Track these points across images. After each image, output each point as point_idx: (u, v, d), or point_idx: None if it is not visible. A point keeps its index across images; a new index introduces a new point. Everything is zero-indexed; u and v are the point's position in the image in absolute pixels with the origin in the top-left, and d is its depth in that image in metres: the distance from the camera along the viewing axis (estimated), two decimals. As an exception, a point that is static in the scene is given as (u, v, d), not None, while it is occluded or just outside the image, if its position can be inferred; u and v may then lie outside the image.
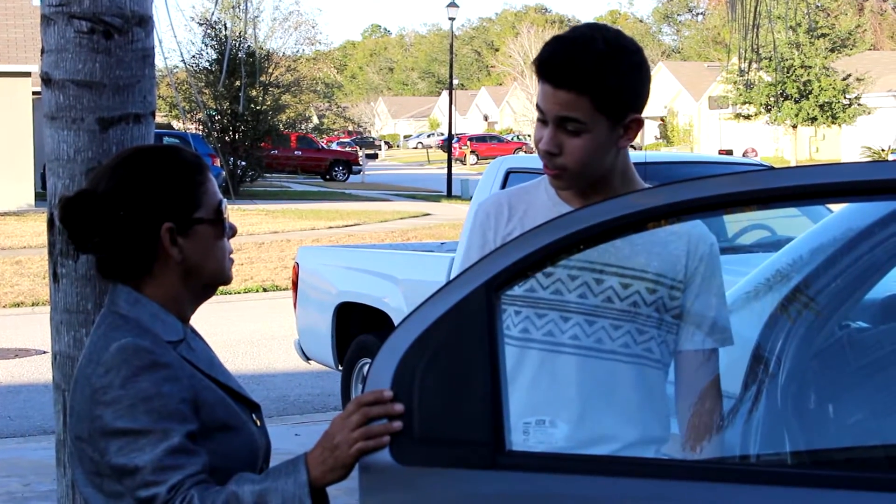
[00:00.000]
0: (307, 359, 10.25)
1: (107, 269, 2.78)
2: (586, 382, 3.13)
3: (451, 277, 2.82)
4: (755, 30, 7.22)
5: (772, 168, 2.96)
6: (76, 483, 2.79)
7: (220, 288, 2.96)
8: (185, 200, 2.75)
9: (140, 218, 2.72)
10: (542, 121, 3.15)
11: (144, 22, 4.03)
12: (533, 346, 3.13)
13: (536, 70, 3.12)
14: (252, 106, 44.23)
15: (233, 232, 2.85)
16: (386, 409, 2.54)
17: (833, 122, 60.76)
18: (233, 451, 2.72)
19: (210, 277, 2.82)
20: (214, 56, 44.73)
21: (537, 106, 3.15)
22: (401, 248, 11.79)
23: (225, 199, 2.84)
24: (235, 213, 30.07)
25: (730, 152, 52.59)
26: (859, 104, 61.11)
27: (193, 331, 2.87)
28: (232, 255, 2.87)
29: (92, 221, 2.71)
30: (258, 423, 2.87)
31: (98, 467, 2.67)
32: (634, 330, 3.12)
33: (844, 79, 60.53)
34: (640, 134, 3.38)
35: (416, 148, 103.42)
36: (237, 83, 41.09)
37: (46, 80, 4.00)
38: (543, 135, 3.14)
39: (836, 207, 4.23)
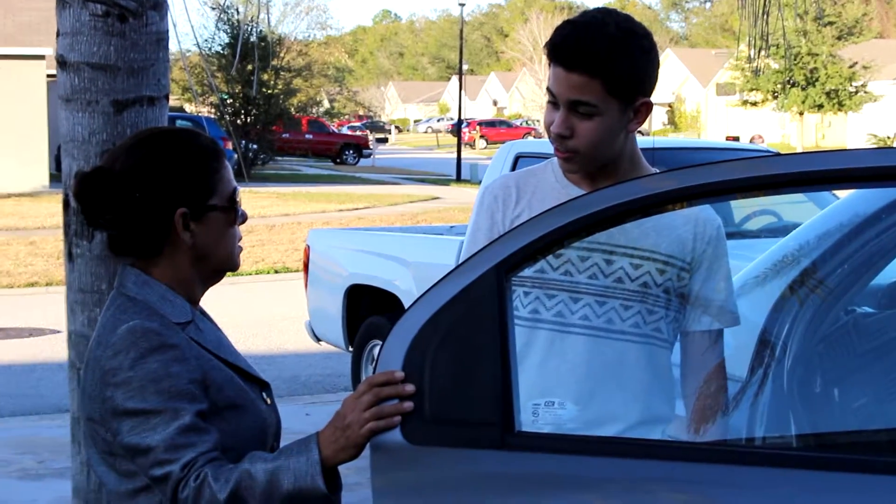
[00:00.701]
0: (318, 340, 10.27)
1: (118, 247, 2.77)
2: (596, 362, 3.13)
3: (460, 259, 2.81)
4: (764, 17, 7.20)
5: (778, 154, 2.96)
6: (90, 462, 2.80)
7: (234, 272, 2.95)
8: (201, 187, 2.74)
9: (155, 201, 2.71)
10: (553, 104, 3.14)
11: (159, 6, 4.03)
12: (543, 327, 3.13)
13: (549, 53, 3.12)
14: (264, 90, 44.22)
15: (244, 219, 2.84)
16: (397, 390, 2.54)
17: (839, 110, 60.69)
18: (243, 429, 2.72)
19: (219, 263, 2.81)
20: (227, 40, 44.71)
21: (548, 89, 3.15)
22: (410, 231, 11.79)
23: (238, 187, 2.83)
24: (247, 195, 29.92)
25: (737, 138, 52.47)
26: (865, 92, 61.02)
27: (202, 312, 2.87)
28: (241, 243, 2.86)
29: (106, 199, 2.70)
30: (268, 401, 2.87)
31: (111, 447, 2.68)
32: (644, 310, 3.12)
33: (851, 66, 60.43)
34: (648, 120, 3.37)
35: (425, 132, 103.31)
36: (249, 67, 41.08)
37: (62, 62, 4.01)
38: (555, 118, 3.13)
39: (842, 194, 4.23)
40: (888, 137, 53.98)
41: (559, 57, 3.09)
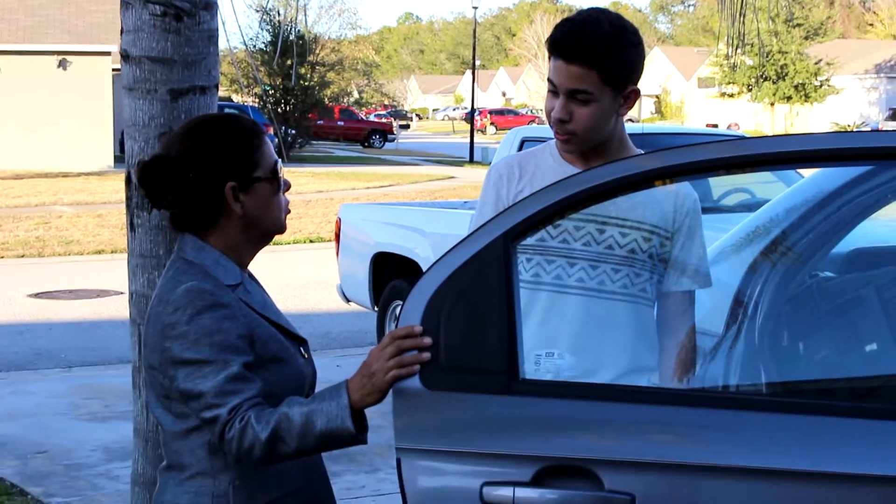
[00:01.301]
0: (347, 301, 10.28)
1: (179, 222, 2.79)
2: (590, 319, 3.14)
3: (470, 228, 2.82)
4: (741, 19, 7.17)
5: (749, 137, 2.95)
6: (149, 405, 2.83)
7: (273, 240, 2.95)
8: (245, 162, 2.74)
9: (207, 179, 2.71)
10: (553, 92, 3.15)
11: (210, 6, 4.03)
12: (543, 289, 3.13)
13: (550, 48, 3.12)
14: (301, 82, 44.17)
15: (287, 186, 2.84)
16: (416, 342, 2.55)
17: (806, 101, 60.51)
18: (283, 379, 2.73)
19: (267, 227, 2.80)
20: (269, 38, 44.62)
21: (549, 80, 3.15)
22: (429, 206, 11.79)
23: (280, 160, 2.84)
24: (286, 174, 30.01)
25: (715, 126, 52.37)
26: (829, 85, 60.85)
27: (251, 275, 2.87)
28: (289, 207, 2.87)
29: (165, 182, 2.71)
30: (305, 355, 2.88)
31: (167, 392, 2.70)
32: (632, 273, 3.14)
33: (816, 63, 60.23)
34: (637, 108, 3.38)
35: (443, 120, 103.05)
36: (289, 62, 41.02)
37: (125, 56, 4.01)
38: (555, 105, 3.14)
39: (807, 173, 4.21)
40: (849, 125, 53.81)
41: (560, 51, 3.09)
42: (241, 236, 2.78)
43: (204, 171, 2.71)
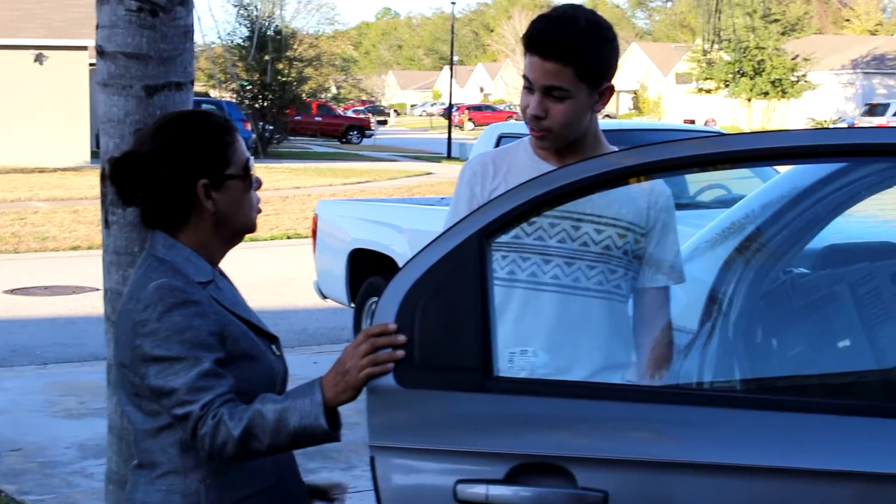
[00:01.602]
0: (324, 297, 10.27)
1: (150, 220, 2.78)
2: (565, 316, 3.14)
3: (444, 225, 2.82)
4: (717, 15, 7.20)
5: (726, 134, 2.96)
6: (120, 403, 2.82)
7: (250, 235, 2.95)
8: (218, 159, 2.74)
9: (179, 176, 2.71)
10: (529, 88, 3.15)
11: (185, 2, 4.01)
12: (518, 286, 3.13)
13: (526, 44, 3.11)
14: (279, 77, 44.09)
15: (259, 184, 2.84)
16: (391, 340, 2.54)
17: (783, 97, 60.69)
18: (254, 376, 2.72)
19: (238, 225, 2.80)
20: (247, 34, 44.52)
21: (524, 76, 3.15)
22: (406, 202, 11.78)
23: (252, 157, 2.83)
24: (263, 170, 29.90)
25: (693, 122, 52.49)
26: (806, 81, 61.03)
27: (221, 273, 2.87)
28: (260, 205, 2.86)
29: (136, 179, 2.71)
30: (276, 353, 2.87)
31: (138, 389, 2.69)
32: (607, 270, 3.14)
33: (793, 59, 60.41)
34: (615, 104, 3.40)
35: (420, 115, 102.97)
36: (266, 57, 40.95)
37: (100, 52, 3.99)
38: (530, 101, 3.14)
39: (783, 169, 4.23)
40: (825, 121, 54.00)
41: (536, 47, 3.08)
42: (212, 234, 2.77)
43: (175, 169, 2.70)
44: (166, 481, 2.71)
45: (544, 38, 3.07)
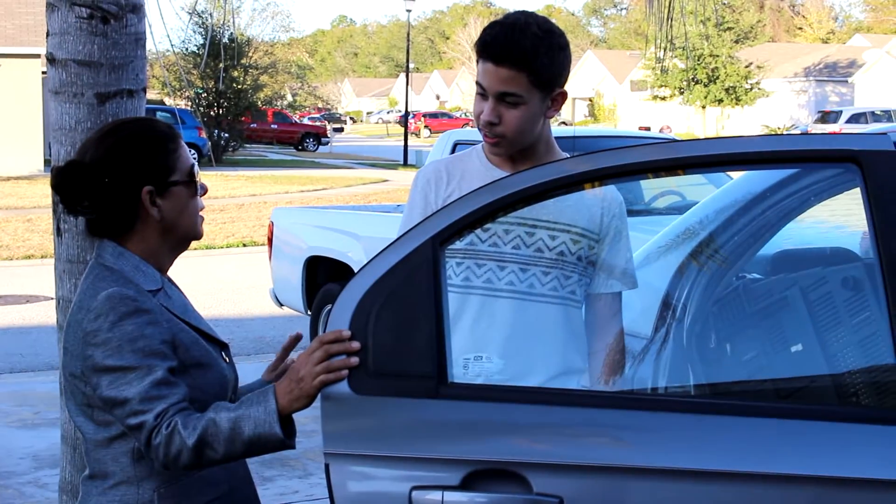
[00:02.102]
0: (280, 305, 10.24)
1: (95, 229, 2.76)
2: (520, 322, 3.14)
3: (398, 233, 2.81)
4: (669, 22, 7.23)
5: (678, 140, 2.97)
6: (69, 413, 2.78)
7: (205, 242, 2.94)
8: (162, 166, 2.72)
9: (123, 184, 2.69)
10: (482, 95, 3.15)
11: (137, 9, 4.00)
12: (474, 293, 3.13)
13: (479, 50, 3.12)
14: (234, 85, 43.97)
15: (204, 190, 2.83)
16: (345, 347, 2.54)
17: (737, 104, 61.12)
18: (206, 384, 2.71)
19: (184, 232, 2.78)
20: (201, 41, 44.38)
21: (477, 83, 3.15)
22: (362, 210, 11.76)
23: (196, 162, 2.82)
24: (219, 178, 29.88)
25: (648, 129, 52.71)
26: (759, 88, 61.51)
27: (170, 281, 2.85)
28: (202, 213, 2.85)
29: (81, 188, 2.68)
30: (227, 360, 2.86)
31: (89, 399, 2.66)
32: (561, 276, 3.14)
33: (747, 66, 60.88)
34: (571, 111, 3.42)
35: (377, 123, 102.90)
36: (221, 65, 40.82)
37: (51, 59, 3.97)
38: (484, 108, 3.14)
39: (736, 175, 4.25)
40: (779, 128, 54.41)
41: (489, 53, 3.09)
42: (159, 241, 2.76)
43: (120, 176, 2.69)
44: (119, 491, 2.68)
45: (498, 44, 3.07)
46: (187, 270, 3.15)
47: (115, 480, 2.68)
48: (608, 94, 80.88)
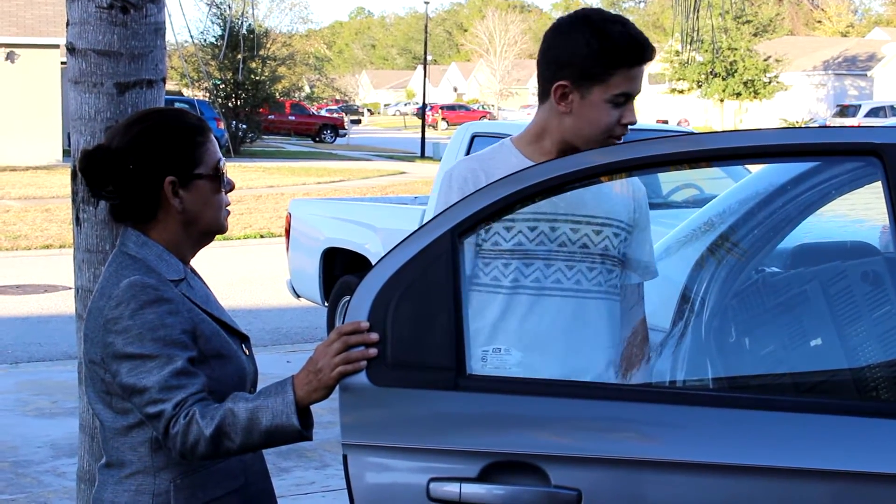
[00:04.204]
0: (297, 296, 10.25)
1: (118, 214, 2.76)
2: (568, 319, 3.06)
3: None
4: (696, 14, 7.21)
5: (698, 133, 2.96)
6: (89, 400, 2.79)
7: (224, 234, 2.93)
8: (187, 158, 2.72)
9: (146, 171, 2.69)
10: (615, 104, 3.01)
11: (156, -1, 3.99)
12: (523, 293, 3.03)
13: (626, 56, 2.98)
14: (252, 76, 44.02)
15: (230, 186, 2.82)
16: (363, 338, 2.54)
17: (755, 97, 60.92)
18: (225, 376, 2.71)
19: (207, 226, 2.77)
20: (220, 32, 44.45)
21: (620, 94, 3.00)
22: (379, 201, 11.77)
23: (223, 158, 2.81)
24: (236, 169, 29.93)
25: (665, 122, 52.61)
26: (777, 82, 61.30)
27: (193, 271, 2.85)
28: (228, 208, 2.84)
29: (106, 172, 2.69)
30: (247, 352, 2.86)
31: (108, 387, 2.67)
32: (605, 270, 3.09)
33: (765, 60, 60.66)
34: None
35: (394, 115, 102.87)
36: (239, 56, 40.88)
37: (71, 49, 3.97)
38: (620, 113, 3.01)
39: (755, 168, 4.23)
40: (797, 122, 54.27)
41: (638, 56, 2.98)
42: (181, 233, 2.75)
43: (143, 164, 2.69)
44: (135, 481, 2.69)
45: (639, 45, 2.98)
46: (205, 261, 3.15)
47: (132, 469, 2.69)
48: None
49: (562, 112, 3.04)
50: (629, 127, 3.06)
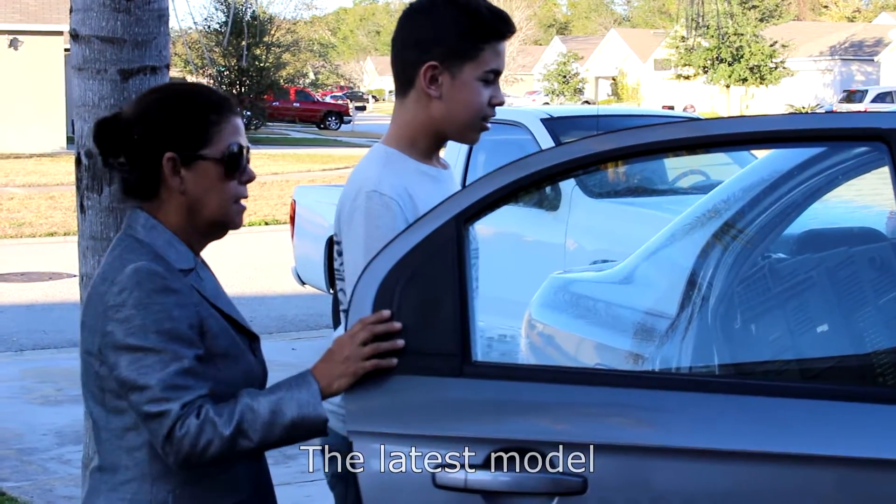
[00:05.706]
0: (303, 283, 10.25)
1: (126, 188, 2.61)
2: None
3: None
4: (701, 0, 7.21)
5: (703, 119, 2.95)
6: (83, 395, 2.59)
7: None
8: (192, 136, 2.54)
9: (148, 143, 2.54)
10: (486, 81, 2.90)
11: (160, -15, 3.99)
12: None
13: (489, 32, 2.87)
14: (256, 63, 43.99)
15: (249, 178, 2.63)
16: (388, 327, 2.50)
17: (761, 83, 60.82)
18: (231, 378, 2.53)
19: (211, 216, 2.59)
20: (223, 19, 44.41)
21: (490, 71, 2.89)
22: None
23: (248, 146, 2.64)
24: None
25: (671, 108, 52.53)
26: (784, 67, 61.20)
27: (203, 262, 2.66)
28: (244, 202, 2.65)
29: (114, 141, 2.57)
30: (256, 353, 2.67)
31: (103, 382, 2.49)
32: None
33: (772, 45, 60.55)
34: (595, 91, 3.36)
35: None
36: (243, 43, 40.85)
37: (74, 35, 3.97)
38: (491, 92, 2.90)
39: (761, 154, 4.23)
40: (803, 107, 54.17)
41: (503, 29, 2.88)
42: (186, 220, 2.58)
43: (147, 135, 2.54)
44: (130, 488, 2.50)
45: (504, 17, 2.88)
46: (209, 248, 3.13)
47: (128, 476, 2.51)
48: (632, 73, 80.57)
49: (432, 98, 2.89)
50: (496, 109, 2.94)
